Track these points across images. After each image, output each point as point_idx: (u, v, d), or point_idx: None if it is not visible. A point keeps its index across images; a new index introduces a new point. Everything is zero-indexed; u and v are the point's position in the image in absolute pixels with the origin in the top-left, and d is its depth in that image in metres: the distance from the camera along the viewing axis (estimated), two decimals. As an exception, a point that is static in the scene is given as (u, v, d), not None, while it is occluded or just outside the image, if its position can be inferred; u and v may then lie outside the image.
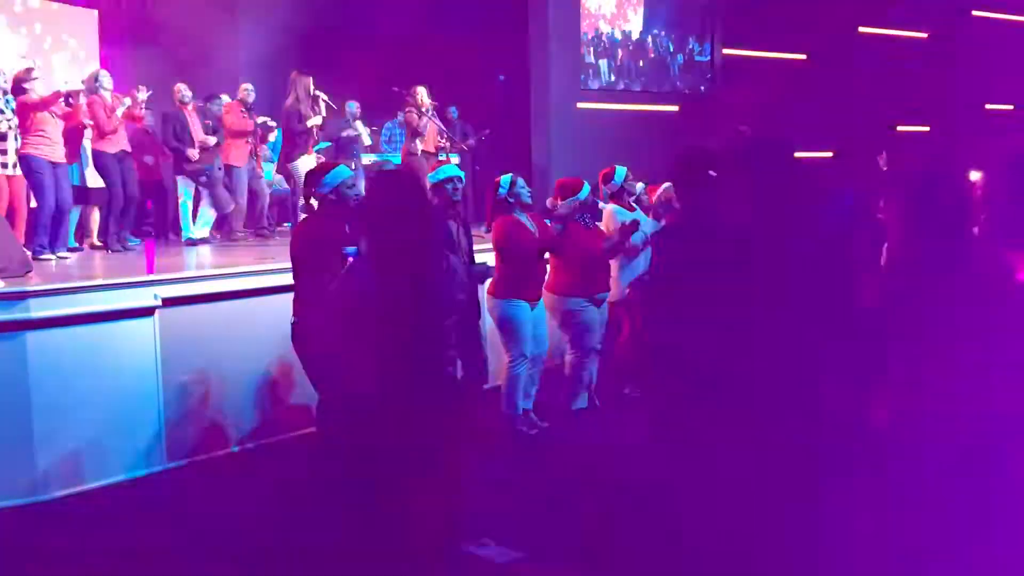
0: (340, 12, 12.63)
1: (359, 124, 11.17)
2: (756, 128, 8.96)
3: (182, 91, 9.70)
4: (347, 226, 4.88)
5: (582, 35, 13.04)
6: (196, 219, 9.74)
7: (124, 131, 8.78)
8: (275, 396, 6.30)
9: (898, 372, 2.88)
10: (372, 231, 3.27)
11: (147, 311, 5.77)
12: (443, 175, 5.91)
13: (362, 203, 3.35)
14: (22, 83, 7.80)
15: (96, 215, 9.32)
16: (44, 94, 8.12)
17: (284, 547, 4.58)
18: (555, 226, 6.28)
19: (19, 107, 7.69)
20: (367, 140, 11.28)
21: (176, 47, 12.05)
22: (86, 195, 9.11)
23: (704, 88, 14.33)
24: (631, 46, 13.61)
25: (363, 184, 10.37)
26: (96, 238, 9.25)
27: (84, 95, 8.65)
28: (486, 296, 6.41)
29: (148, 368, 5.74)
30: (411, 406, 3.23)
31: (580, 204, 6.41)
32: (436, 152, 10.05)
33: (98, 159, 8.67)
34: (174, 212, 10.39)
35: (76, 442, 5.41)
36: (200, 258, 8.32)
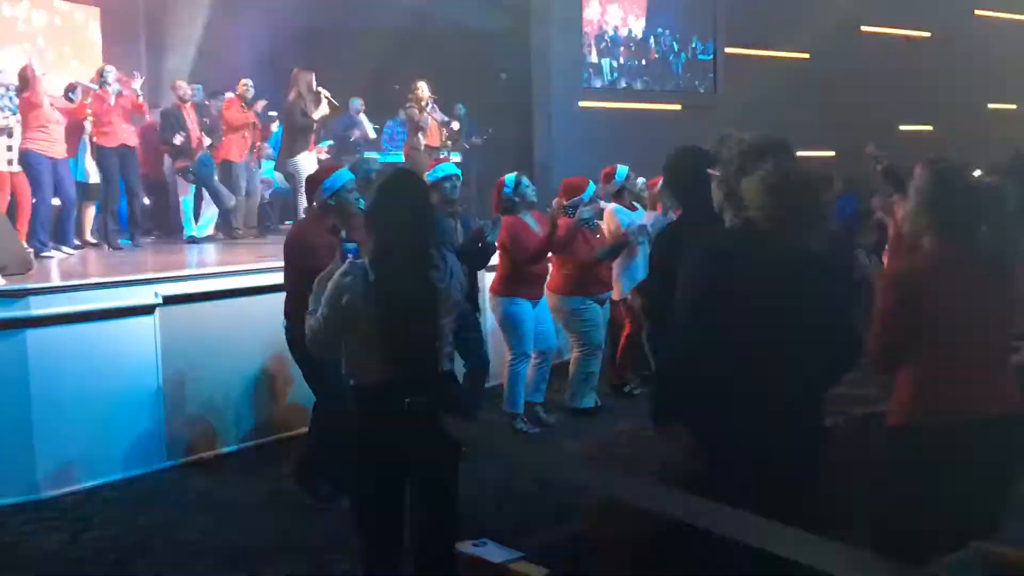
0: (341, 10, 12.60)
1: (363, 117, 11.14)
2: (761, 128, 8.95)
3: (182, 88, 9.68)
4: (344, 231, 4.85)
5: (584, 33, 13.02)
6: (199, 218, 9.74)
7: (126, 126, 8.75)
8: (275, 395, 6.29)
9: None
10: (373, 230, 3.26)
11: (147, 309, 5.76)
12: (441, 173, 5.90)
13: (367, 202, 3.33)
14: (27, 80, 7.79)
15: (91, 211, 9.29)
16: (47, 91, 8.13)
17: (284, 546, 4.58)
18: (577, 222, 6.26)
19: (22, 103, 7.69)
20: (371, 133, 11.26)
21: (177, 44, 12.06)
22: (84, 191, 9.09)
23: (706, 87, 14.31)
24: (633, 45, 13.59)
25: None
26: (89, 235, 9.21)
27: (84, 90, 8.69)
28: (488, 294, 6.41)
29: (148, 366, 5.73)
30: (411, 405, 3.22)
31: (589, 202, 6.44)
32: (439, 147, 10.03)
33: (98, 153, 8.70)
34: (175, 210, 10.39)
35: (76, 440, 5.39)
36: (201, 256, 8.31)
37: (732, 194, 2.67)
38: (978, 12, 16.65)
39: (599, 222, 6.78)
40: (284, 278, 5.05)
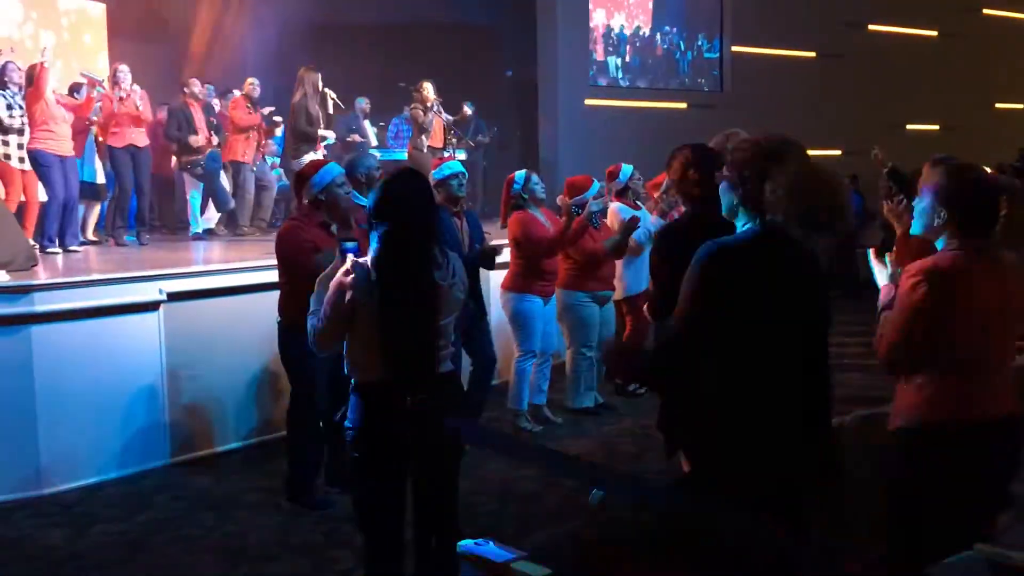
0: (347, 8, 12.62)
1: (367, 124, 11.12)
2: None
3: (194, 86, 9.72)
4: (334, 227, 4.83)
5: (591, 31, 13.01)
6: (203, 214, 9.75)
7: (134, 127, 8.76)
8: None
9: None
10: (375, 228, 3.25)
11: (152, 306, 5.76)
12: (447, 171, 5.90)
13: (371, 201, 3.31)
14: (32, 77, 7.79)
15: (96, 210, 9.31)
16: (55, 88, 8.14)
17: (286, 543, 4.58)
18: (588, 217, 6.29)
19: (27, 100, 7.69)
20: (374, 141, 11.25)
21: (184, 42, 12.07)
22: (91, 190, 9.11)
23: (712, 85, 14.29)
24: (640, 43, 13.57)
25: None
26: (92, 232, 9.23)
27: (90, 88, 8.70)
28: (500, 291, 6.40)
29: (152, 363, 5.73)
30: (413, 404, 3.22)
31: (597, 195, 6.48)
32: (443, 147, 10.02)
33: (108, 153, 8.75)
34: (181, 207, 10.41)
35: (79, 436, 5.40)
36: (205, 253, 8.31)
37: (749, 196, 2.61)
38: (986, 11, 16.60)
39: (603, 219, 6.78)
40: (278, 275, 5.00)
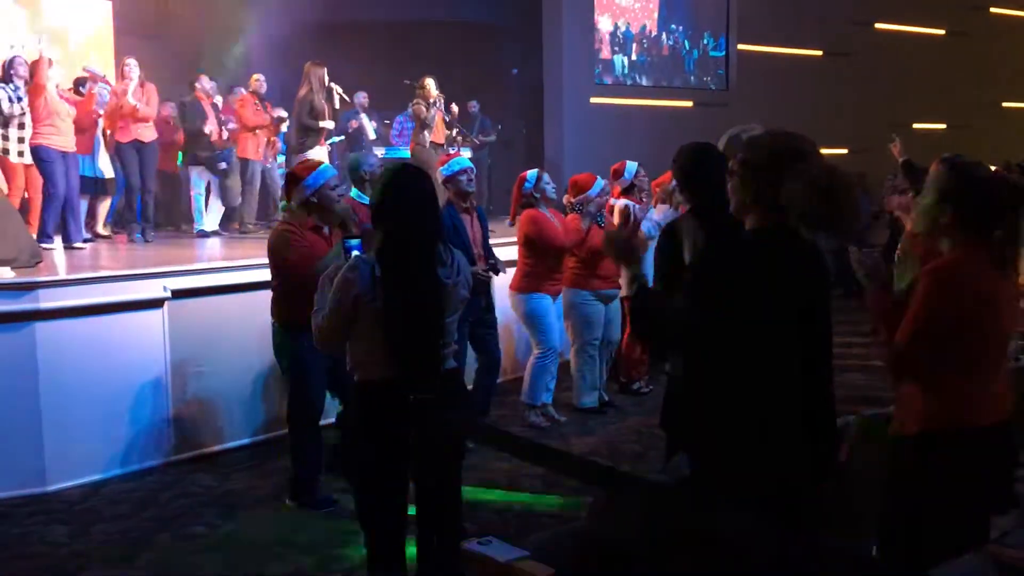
0: (354, 5, 12.62)
1: (364, 117, 11.13)
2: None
3: (203, 81, 9.81)
4: (326, 228, 4.81)
5: (596, 29, 12.98)
6: (208, 211, 9.76)
7: (140, 124, 8.77)
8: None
9: None
10: (379, 226, 3.24)
11: (156, 303, 5.76)
12: (456, 167, 5.91)
13: (373, 197, 3.30)
14: (34, 70, 7.80)
15: (105, 204, 9.33)
16: (59, 82, 8.15)
17: (290, 541, 4.58)
18: (585, 219, 6.38)
19: (29, 93, 7.69)
20: (372, 134, 11.26)
21: (189, 37, 12.07)
22: (100, 185, 9.13)
23: (719, 84, 14.25)
24: (645, 41, 13.54)
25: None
26: (101, 227, 9.25)
27: (92, 83, 8.75)
28: (508, 292, 6.39)
29: (156, 360, 5.73)
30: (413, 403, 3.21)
31: (599, 195, 6.50)
32: (444, 144, 10.03)
33: (115, 149, 8.80)
34: (186, 204, 10.42)
35: (83, 433, 5.40)
36: (210, 250, 8.32)
37: (762, 195, 2.57)
38: (994, 10, 16.55)
39: (609, 216, 6.79)
40: (271, 278, 4.93)
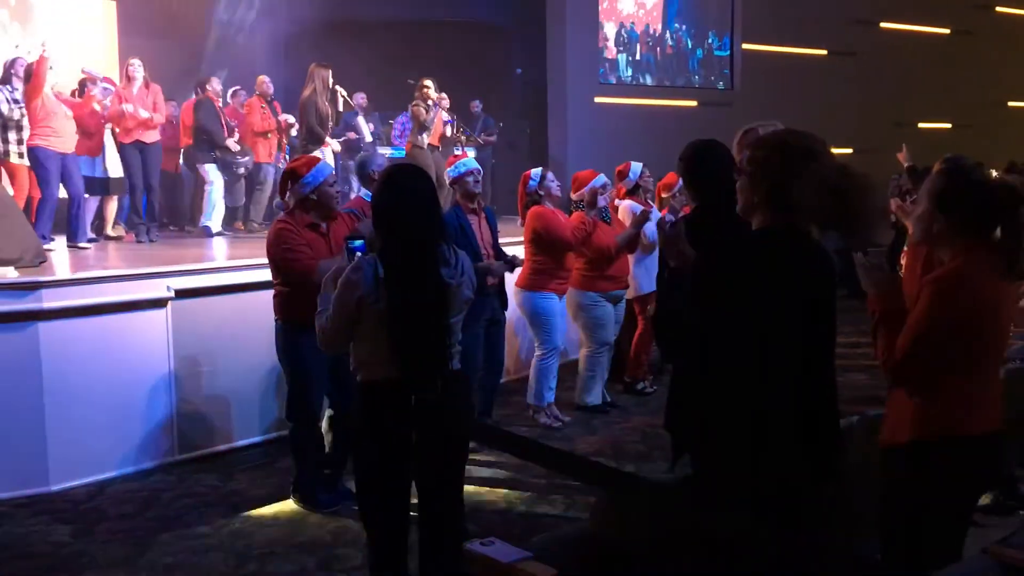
0: (357, 5, 12.62)
1: (360, 119, 11.13)
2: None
3: (214, 83, 9.90)
4: (323, 225, 4.80)
5: (600, 29, 12.97)
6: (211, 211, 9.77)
7: (146, 123, 8.77)
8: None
9: None
10: (380, 226, 3.23)
11: (160, 302, 5.76)
12: (462, 168, 5.91)
13: (372, 198, 3.30)
14: (32, 73, 7.79)
15: (113, 205, 9.35)
16: (55, 84, 8.17)
17: (293, 541, 4.57)
18: (590, 214, 6.40)
19: (25, 95, 7.70)
20: (369, 137, 11.27)
21: (193, 39, 12.08)
22: (105, 185, 9.15)
23: (723, 83, 14.24)
24: (650, 40, 13.53)
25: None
26: (111, 228, 9.28)
27: (91, 85, 8.79)
28: (515, 289, 6.39)
29: (160, 360, 5.73)
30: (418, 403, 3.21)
31: (602, 188, 6.54)
32: (439, 146, 10.05)
33: (119, 150, 8.80)
34: (188, 203, 10.43)
35: (87, 433, 5.39)
36: (214, 250, 8.31)
37: (772, 195, 2.54)
38: (999, 9, 16.51)
39: (615, 216, 6.80)
40: (272, 275, 4.89)
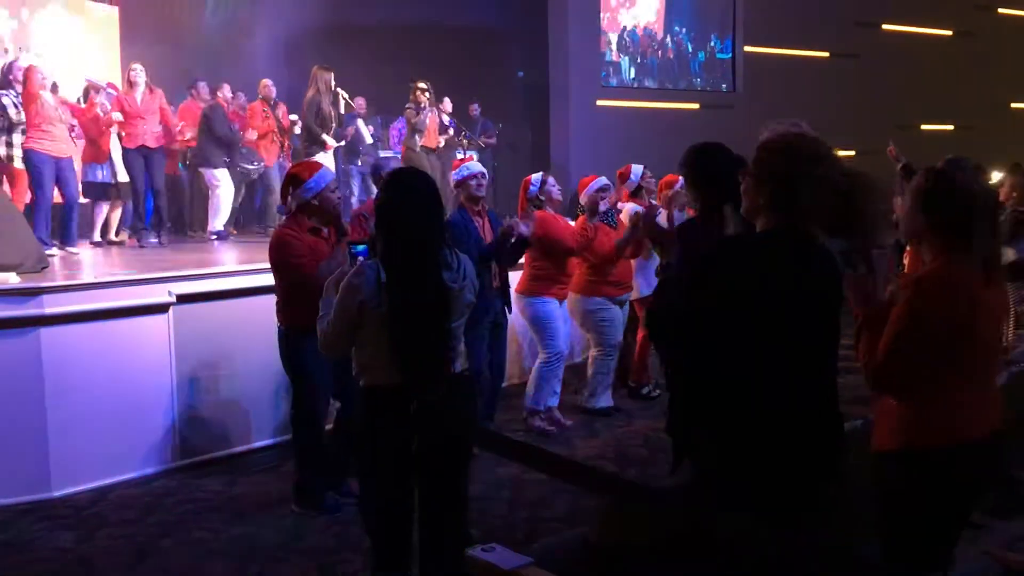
0: (358, 9, 12.63)
1: (360, 122, 11.15)
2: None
3: (225, 90, 10.01)
4: (325, 230, 4.79)
5: (602, 32, 12.97)
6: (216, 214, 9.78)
7: (148, 127, 8.77)
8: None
9: None
10: (381, 226, 3.23)
11: (161, 307, 5.75)
12: (466, 172, 5.91)
13: (375, 201, 3.30)
14: (26, 78, 7.81)
15: (118, 210, 9.36)
16: (59, 89, 8.19)
17: (295, 546, 4.56)
18: (593, 220, 6.45)
19: (23, 99, 7.72)
20: (368, 139, 11.27)
21: (196, 43, 12.10)
22: (113, 190, 9.17)
23: (725, 86, 14.23)
24: (652, 43, 13.52)
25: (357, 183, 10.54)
26: (114, 234, 9.29)
27: (94, 93, 8.81)
28: (515, 295, 6.38)
29: (162, 365, 5.72)
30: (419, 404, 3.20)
31: (601, 191, 6.55)
32: (436, 148, 10.05)
33: (122, 155, 8.84)
34: (188, 208, 10.44)
35: (88, 439, 5.39)
36: (215, 255, 8.31)
37: (777, 197, 2.53)
38: (1001, 10, 16.49)
39: (619, 218, 6.80)
40: (274, 281, 4.90)
